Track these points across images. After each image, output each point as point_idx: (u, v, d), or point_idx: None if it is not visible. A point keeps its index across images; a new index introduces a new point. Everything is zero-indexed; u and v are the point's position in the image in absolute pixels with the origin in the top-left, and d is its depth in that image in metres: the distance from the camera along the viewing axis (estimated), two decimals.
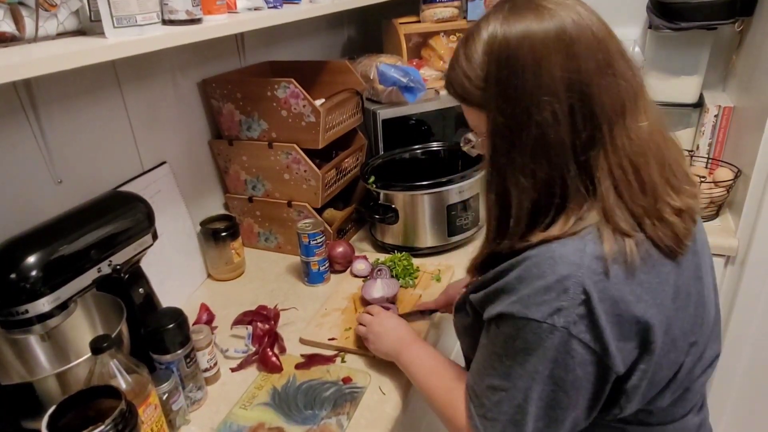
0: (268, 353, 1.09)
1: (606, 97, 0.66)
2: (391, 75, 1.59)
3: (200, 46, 1.37)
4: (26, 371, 0.98)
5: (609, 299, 0.64)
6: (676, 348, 0.71)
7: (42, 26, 0.80)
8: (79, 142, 1.09)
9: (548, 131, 0.66)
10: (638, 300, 0.65)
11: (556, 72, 0.65)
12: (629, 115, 0.67)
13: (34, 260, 0.82)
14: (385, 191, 1.43)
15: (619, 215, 0.66)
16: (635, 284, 0.66)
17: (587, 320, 0.64)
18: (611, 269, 0.64)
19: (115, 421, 0.69)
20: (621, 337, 0.65)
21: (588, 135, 0.66)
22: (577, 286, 0.64)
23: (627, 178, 0.67)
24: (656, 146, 0.69)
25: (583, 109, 0.66)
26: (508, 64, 0.66)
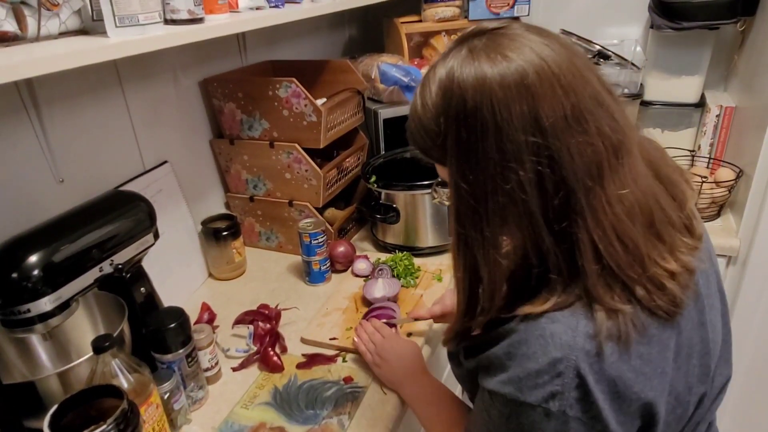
0: (270, 353, 1.09)
1: (578, 159, 0.58)
2: (392, 74, 1.59)
3: (202, 46, 1.37)
4: (28, 370, 0.98)
5: (606, 380, 0.59)
6: (681, 404, 0.67)
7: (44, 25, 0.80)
8: (80, 141, 1.09)
9: (516, 200, 0.59)
10: (637, 375, 0.61)
11: (519, 136, 0.57)
12: (608, 177, 0.59)
13: (36, 259, 0.82)
14: (386, 191, 1.43)
15: (606, 289, 0.60)
16: (633, 359, 0.61)
17: (584, 403, 0.59)
18: (606, 348, 0.59)
19: (116, 421, 0.69)
20: (621, 414, 0.61)
21: (560, 204, 0.59)
22: (571, 369, 0.58)
23: (612, 246, 0.60)
24: (642, 209, 0.62)
25: (552, 176, 0.58)
26: (468, 126, 0.59)
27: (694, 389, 0.69)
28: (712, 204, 1.55)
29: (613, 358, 0.59)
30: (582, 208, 0.59)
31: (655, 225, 0.63)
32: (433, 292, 1.29)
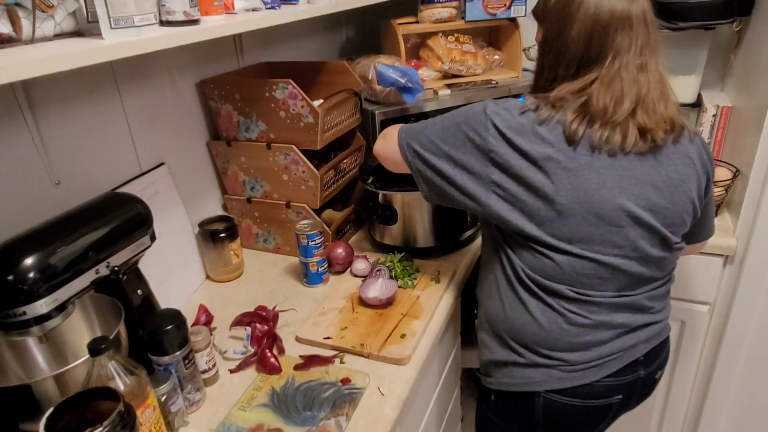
0: (267, 354, 1.09)
1: (618, 37, 0.94)
2: (389, 75, 1.58)
3: (198, 47, 1.37)
4: (24, 373, 0.97)
5: (515, 123, 0.97)
6: (601, 216, 0.95)
7: (39, 27, 0.79)
8: (76, 143, 1.09)
9: (570, 44, 0.97)
10: (534, 142, 0.95)
11: (591, 10, 0.95)
12: (632, 55, 0.95)
13: (32, 262, 0.81)
14: (383, 192, 1.43)
15: (569, 105, 0.96)
16: (543, 130, 0.96)
17: (500, 117, 0.98)
18: (529, 114, 0.98)
19: (113, 423, 0.69)
20: (510, 145, 0.96)
21: (594, 55, 0.96)
22: (514, 109, 0.99)
23: (608, 91, 0.94)
24: (644, 84, 0.95)
25: (599, 38, 0.95)
26: (565, 5, 0.98)
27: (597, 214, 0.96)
28: None
29: (529, 119, 0.97)
30: (604, 65, 0.96)
31: (642, 103, 0.95)
32: (430, 293, 1.29)
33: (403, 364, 1.08)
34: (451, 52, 1.82)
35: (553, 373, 1.03)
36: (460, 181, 1.02)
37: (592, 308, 1.01)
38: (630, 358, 1.05)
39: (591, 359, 1.02)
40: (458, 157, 1.01)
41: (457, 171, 1.02)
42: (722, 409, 1.70)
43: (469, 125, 1.00)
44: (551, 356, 1.03)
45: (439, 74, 1.85)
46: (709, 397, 1.68)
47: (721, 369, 1.63)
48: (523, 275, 1.02)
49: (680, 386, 1.73)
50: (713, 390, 1.67)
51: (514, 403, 1.10)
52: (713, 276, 1.55)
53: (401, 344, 1.12)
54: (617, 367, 1.04)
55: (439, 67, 1.83)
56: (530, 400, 1.06)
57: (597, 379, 1.03)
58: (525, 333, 1.04)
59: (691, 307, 1.61)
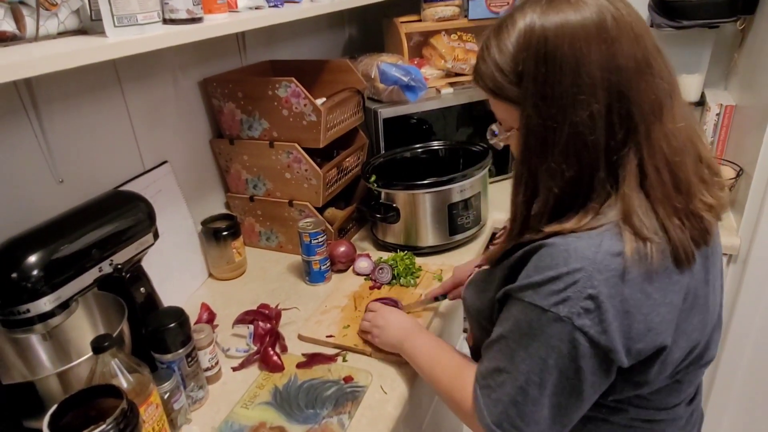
0: (270, 352, 1.09)
1: (644, 96, 0.66)
2: (392, 74, 1.58)
3: (201, 45, 1.37)
4: (28, 370, 0.98)
5: (620, 298, 0.64)
6: (679, 348, 0.71)
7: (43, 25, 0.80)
8: (80, 141, 1.09)
9: (584, 131, 0.66)
10: (653, 303, 0.65)
11: (595, 71, 0.64)
12: (666, 114, 0.67)
13: (36, 260, 0.82)
14: (386, 190, 1.43)
15: (641, 215, 0.66)
16: (651, 287, 0.65)
17: (594, 314, 0.64)
18: (628, 267, 0.64)
19: (116, 421, 0.69)
20: (629, 336, 0.65)
21: (623, 136, 0.66)
22: (587, 279, 0.64)
23: (661, 178, 0.67)
24: (691, 143, 0.70)
25: (621, 109, 0.65)
26: (547, 61, 0.65)
27: (692, 340, 0.73)
28: None
29: (633, 278, 0.64)
30: (642, 139, 0.66)
31: (698, 164, 0.71)
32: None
33: (405, 363, 1.08)
34: (454, 50, 1.82)
35: None
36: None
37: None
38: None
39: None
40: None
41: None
42: (726, 408, 1.69)
43: (572, 360, 0.67)
44: None
45: (442, 72, 1.85)
46: (712, 396, 1.68)
47: (725, 368, 1.63)
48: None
49: None
50: (717, 389, 1.66)
51: None
52: None
53: None
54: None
55: (442, 66, 1.83)
56: None
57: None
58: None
59: None
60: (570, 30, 0.64)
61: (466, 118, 1.76)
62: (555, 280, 0.65)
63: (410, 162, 1.62)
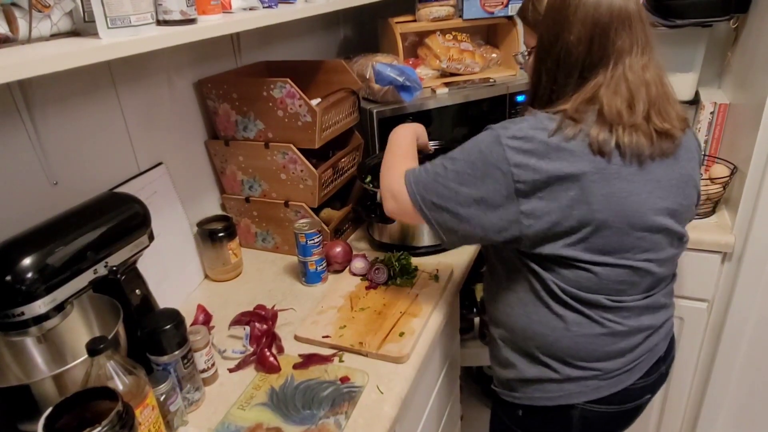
0: (266, 353, 1.09)
1: (617, 38, 0.91)
2: (387, 74, 1.58)
3: (196, 47, 1.36)
4: (23, 373, 0.97)
5: (536, 142, 0.90)
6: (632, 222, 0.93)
7: (35, 27, 0.79)
8: (74, 143, 1.09)
9: (571, 49, 0.92)
10: (567, 160, 0.89)
11: (590, 11, 0.91)
12: (634, 57, 0.92)
13: (30, 262, 0.81)
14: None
15: (579, 110, 0.92)
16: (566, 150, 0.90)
17: (518, 142, 0.90)
18: (547, 132, 0.91)
19: (111, 423, 0.69)
20: (536, 170, 0.89)
21: (596, 60, 0.92)
22: (540, 131, 0.91)
23: (616, 97, 0.91)
24: (652, 85, 0.93)
25: (599, 41, 0.91)
26: (563, 2, 0.93)
27: (629, 221, 0.93)
28: (707, 201, 1.56)
29: (550, 139, 0.91)
30: (608, 67, 0.92)
31: (655, 103, 0.93)
32: (429, 292, 1.29)
33: (401, 363, 1.08)
34: (449, 50, 1.82)
35: (589, 383, 1.01)
36: (486, 220, 0.94)
37: (625, 314, 0.99)
38: (655, 357, 1.05)
39: (624, 365, 1.01)
40: (481, 197, 0.93)
41: (482, 211, 0.94)
42: (721, 406, 1.70)
43: (486, 161, 0.92)
44: (587, 367, 1.00)
45: (437, 72, 1.85)
46: (707, 394, 1.69)
47: (720, 366, 1.63)
48: (557, 290, 0.97)
49: (679, 383, 1.73)
50: (712, 387, 1.67)
51: (546, 417, 1.06)
52: (711, 273, 1.55)
53: (400, 342, 1.12)
54: (646, 368, 1.04)
55: (437, 66, 1.83)
56: (565, 413, 1.03)
57: (631, 383, 1.03)
58: (559, 347, 1.00)
59: (690, 304, 1.61)
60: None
61: (462, 118, 1.76)
62: (515, 123, 0.94)
63: None
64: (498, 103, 1.77)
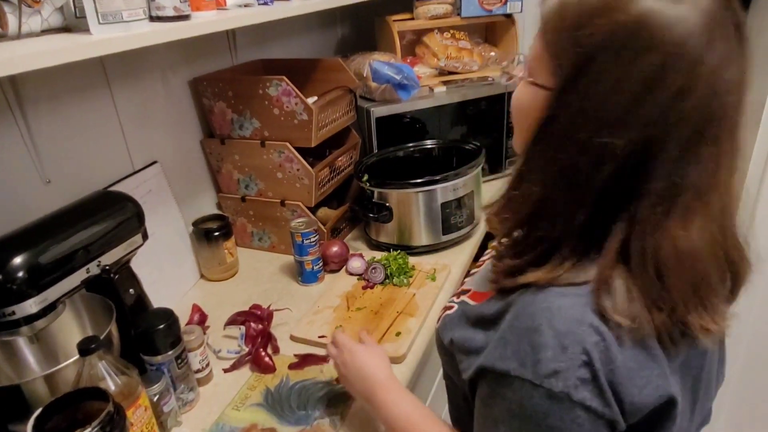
0: (261, 353, 1.08)
1: (691, 168, 0.53)
2: (384, 72, 1.58)
3: (190, 44, 1.35)
4: (15, 373, 0.96)
5: (615, 362, 0.54)
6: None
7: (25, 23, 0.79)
8: (67, 141, 1.08)
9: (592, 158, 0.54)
10: (649, 367, 0.56)
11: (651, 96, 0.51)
12: (692, 213, 0.55)
13: (21, 261, 0.80)
14: (379, 189, 1.42)
15: (616, 295, 0.55)
16: (646, 353, 0.56)
17: (591, 384, 0.54)
18: (619, 329, 0.54)
19: (102, 424, 0.68)
20: (634, 403, 0.55)
21: (623, 194, 0.54)
22: (576, 345, 0.54)
23: (646, 270, 0.55)
24: (711, 249, 0.58)
25: (642, 162, 0.53)
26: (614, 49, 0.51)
27: (692, 412, 0.66)
28: None
29: (626, 344, 0.55)
30: (644, 218, 0.54)
31: (703, 285, 0.58)
32: (426, 292, 1.28)
33: (398, 363, 1.07)
34: (447, 48, 1.81)
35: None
36: None
37: None
38: None
39: None
40: None
41: None
42: (721, 408, 1.69)
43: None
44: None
45: (434, 71, 1.84)
46: None
47: None
48: None
49: None
50: None
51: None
52: None
53: (397, 342, 1.11)
54: None
55: (435, 64, 1.82)
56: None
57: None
58: None
59: None
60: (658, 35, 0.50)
61: (460, 116, 1.75)
62: (541, 348, 0.54)
63: (403, 161, 1.61)
64: (496, 101, 1.76)
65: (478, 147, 1.54)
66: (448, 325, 0.73)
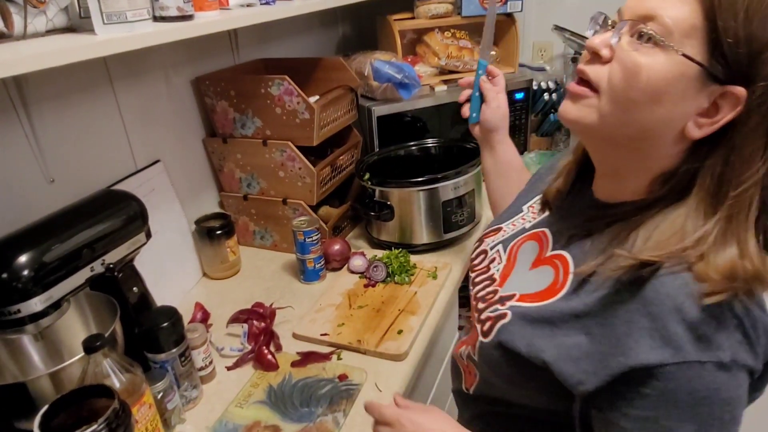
0: (264, 351, 1.08)
1: None
2: (385, 71, 1.58)
3: (193, 44, 1.36)
4: (19, 371, 0.97)
5: (755, 319, 0.56)
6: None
7: (31, 23, 0.79)
8: (71, 140, 1.09)
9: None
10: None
11: None
12: None
13: (26, 259, 0.81)
14: (380, 188, 1.43)
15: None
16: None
17: (746, 344, 0.55)
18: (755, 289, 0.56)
19: (107, 421, 0.69)
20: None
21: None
22: (726, 311, 0.54)
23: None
24: None
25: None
26: None
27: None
28: None
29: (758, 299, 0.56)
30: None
31: None
32: (427, 289, 1.28)
33: (400, 360, 1.08)
34: (448, 47, 1.81)
35: None
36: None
37: None
38: None
39: None
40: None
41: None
42: None
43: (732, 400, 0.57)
44: None
45: (435, 70, 1.85)
46: None
47: None
48: None
49: None
50: None
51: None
52: None
53: (398, 340, 1.11)
54: None
55: (436, 63, 1.83)
56: None
57: None
58: None
59: None
60: None
61: (460, 115, 1.75)
62: (695, 325, 0.53)
63: (404, 159, 1.62)
64: None
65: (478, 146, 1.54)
66: (515, 330, 0.67)
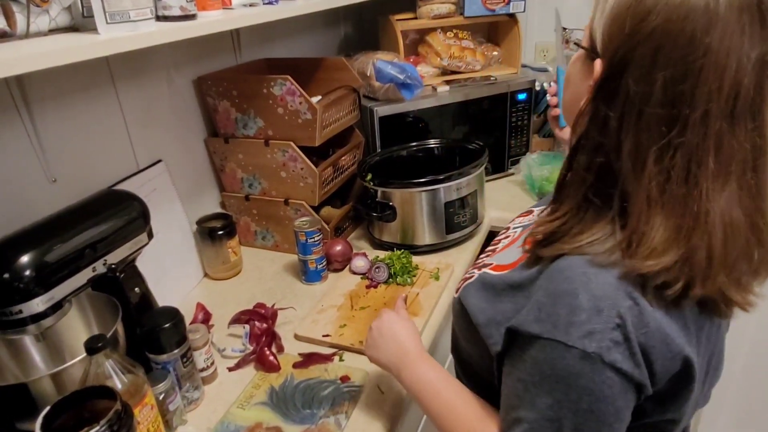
0: (266, 352, 1.08)
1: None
2: (387, 72, 1.58)
3: (195, 43, 1.36)
4: (21, 372, 0.97)
5: (648, 326, 0.56)
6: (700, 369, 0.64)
7: (33, 22, 0.79)
8: (73, 140, 1.08)
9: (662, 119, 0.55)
10: (681, 331, 0.59)
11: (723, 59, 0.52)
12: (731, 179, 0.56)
13: (28, 260, 0.81)
14: (382, 189, 1.42)
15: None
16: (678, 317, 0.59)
17: (623, 347, 0.56)
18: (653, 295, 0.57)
19: (110, 422, 0.68)
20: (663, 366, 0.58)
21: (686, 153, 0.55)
22: (611, 308, 0.56)
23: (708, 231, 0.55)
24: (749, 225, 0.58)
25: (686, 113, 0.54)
26: (673, 25, 0.53)
27: (704, 385, 0.68)
28: None
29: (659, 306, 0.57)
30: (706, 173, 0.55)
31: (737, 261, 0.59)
32: (430, 291, 1.28)
33: None
34: (450, 48, 1.81)
35: None
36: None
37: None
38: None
39: None
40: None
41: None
42: (722, 407, 1.69)
43: (598, 397, 0.57)
44: None
45: (437, 70, 1.84)
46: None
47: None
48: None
49: None
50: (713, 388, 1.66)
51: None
52: None
53: None
54: None
55: (438, 63, 1.82)
56: None
57: None
58: None
59: None
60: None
61: (463, 116, 1.75)
62: (576, 310, 0.57)
63: (406, 160, 1.61)
64: (499, 101, 1.76)
65: (481, 146, 1.54)
66: (471, 291, 0.75)
